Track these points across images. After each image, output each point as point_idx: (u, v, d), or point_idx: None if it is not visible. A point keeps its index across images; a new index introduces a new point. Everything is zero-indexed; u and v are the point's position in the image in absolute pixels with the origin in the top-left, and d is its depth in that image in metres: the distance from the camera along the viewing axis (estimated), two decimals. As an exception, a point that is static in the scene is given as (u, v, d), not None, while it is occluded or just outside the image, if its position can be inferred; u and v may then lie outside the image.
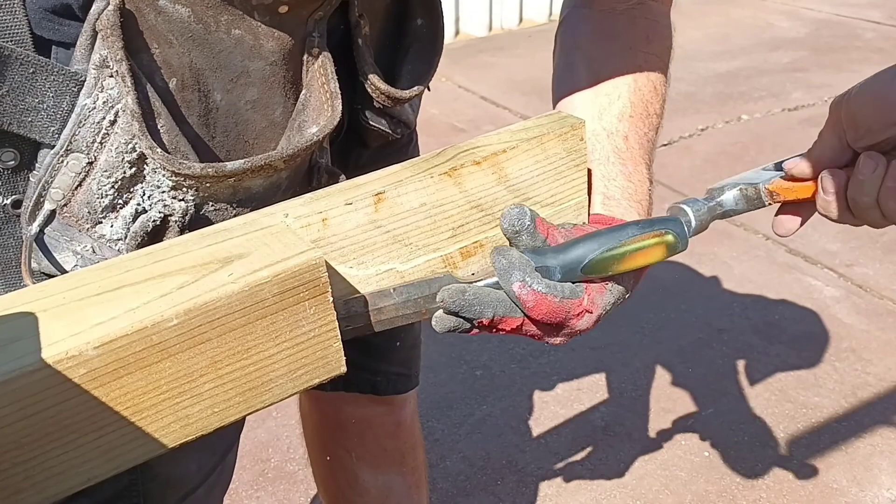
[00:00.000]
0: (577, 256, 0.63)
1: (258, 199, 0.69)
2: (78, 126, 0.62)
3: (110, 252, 0.65)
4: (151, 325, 0.48)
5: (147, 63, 0.63)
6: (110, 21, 0.60)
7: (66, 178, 0.63)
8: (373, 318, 0.61)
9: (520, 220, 0.63)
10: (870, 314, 2.35)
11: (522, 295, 0.61)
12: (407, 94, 0.78)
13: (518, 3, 5.16)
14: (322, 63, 0.70)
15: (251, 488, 1.83)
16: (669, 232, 0.66)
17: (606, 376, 2.15)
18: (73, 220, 0.64)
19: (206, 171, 0.64)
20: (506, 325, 0.63)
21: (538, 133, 0.67)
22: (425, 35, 0.83)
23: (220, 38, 0.64)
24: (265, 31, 0.66)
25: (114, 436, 0.49)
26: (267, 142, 0.71)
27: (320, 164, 0.76)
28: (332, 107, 0.70)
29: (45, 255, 0.65)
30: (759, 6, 5.36)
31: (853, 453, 1.89)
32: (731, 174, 0.75)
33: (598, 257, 0.63)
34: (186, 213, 0.66)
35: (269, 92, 0.69)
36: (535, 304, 0.61)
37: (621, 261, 0.64)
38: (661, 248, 0.65)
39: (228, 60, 0.65)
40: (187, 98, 0.65)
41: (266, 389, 0.54)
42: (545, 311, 0.62)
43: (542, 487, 1.82)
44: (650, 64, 0.79)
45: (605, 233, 0.64)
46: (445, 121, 3.68)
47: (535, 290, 0.61)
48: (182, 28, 0.63)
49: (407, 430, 1.22)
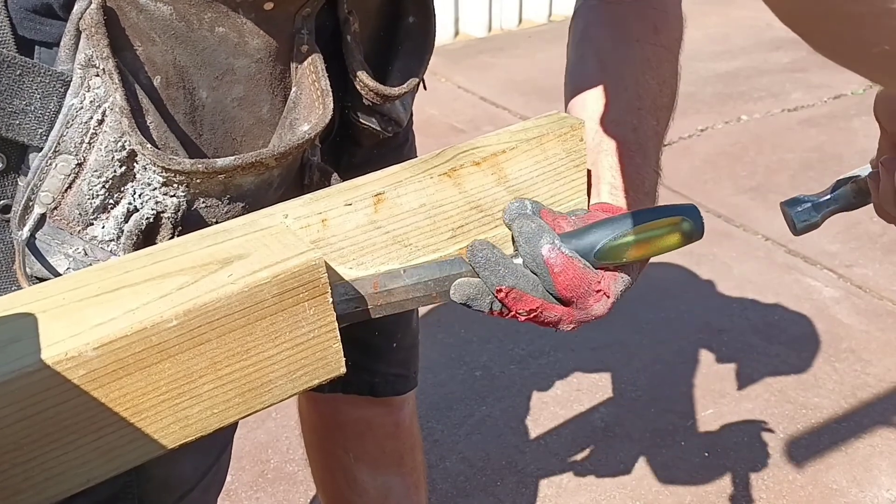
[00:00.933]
0: (591, 242, 0.62)
1: (250, 196, 0.69)
2: (66, 127, 0.62)
3: (103, 254, 0.65)
4: (151, 325, 0.48)
5: (131, 61, 0.63)
6: (94, 20, 0.59)
7: (56, 181, 0.63)
8: (381, 300, 0.60)
9: (520, 207, 0.63)
10: (869, 315, 2.35)
11: (551, 258, 0.60)
12: (396, 91, 0.78)
13: (517, 4, 5.16)
14: (312, 60, 0.70)
15: (251, 489, 1.83)
16: (686, 219, 0.64)
17: (606, 377, 2.15)
18: (63, 222, 0.64)
19: (197, 166, 0.64)
20: (523, 304, 0.62)
21: (538, 134, 0.67)
22: (417, 33, 0.82)
23: (204, 35, 0.64)
24: (250, 28, 0.65)
25: (113, 437, 0.49)
26: (255, 139, 0.71)
27: (312, 162, 0.76)
28: (324, 104, 0.70)
29: (38, 259, 0.64)
30: (758, 6, 5.33)
31: (853, 454, 1.89)
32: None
33: (612, 243, 0.62)
34: (178, 210, 0.66)
35: (256, 89, 0.69)
36: (563, 268, 0.60)
37: (635, 247, 0.62)
38: (677, 235, 0.64)
39: (213, 58, 0.65)
40: (172, 95, 0.65)
41: (265, 390, 0.54)
42: (570, 278, 0.61)
43: (542, 488, 1.82)
44: (658, 55, 0.78)
45: (618, 219, 0.63)
46: (445, 121, 3.68)
47: (563, 252, 0.60)
48: (164, 26, 0.62)
49: (406, 431, 1.22)
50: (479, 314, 0.64)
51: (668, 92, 0.79)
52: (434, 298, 0.61)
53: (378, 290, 0.60)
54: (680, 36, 0.83)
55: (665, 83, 0.78)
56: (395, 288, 0.60)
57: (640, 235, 0.62)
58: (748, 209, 2.87)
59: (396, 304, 0.61)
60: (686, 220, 0.64)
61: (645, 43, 0.78)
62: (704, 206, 2.87)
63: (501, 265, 0.61)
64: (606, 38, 0.80)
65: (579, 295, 0.62)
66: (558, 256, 0.60)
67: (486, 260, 0.61)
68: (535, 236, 0.61)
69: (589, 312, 0.64)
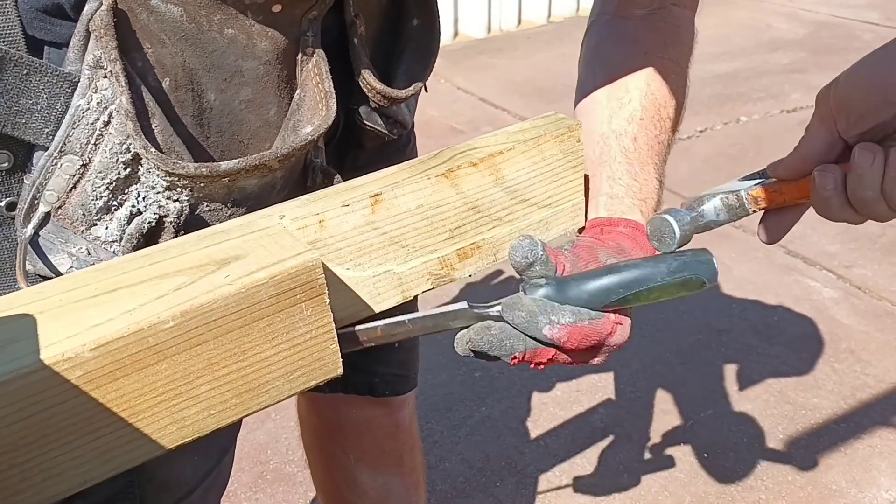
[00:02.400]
0: (601, 294, 0.61)
1: (253, 198, 0.69)
2: (72, 127, 0.62)
3: (105, 254, 0.65)
4: (148, 326, 0.48)
5: (140, 63, 0.63)
6: (104, 21, 0.60)
7: (61, 180, 0.63)
8: (384, 341, 0.61)
9: (532, 251, 0.61)
10: (869, 315, 2.35)
11: (554, 334, 0.60)
12: (403, 93, 0.78)
13: (517, 5, 5.16)
14: (317, 63, 0.70)
15: (250, 490, 1.83)
16: (701, 277, 0.63)
17: (605, 378, 2.15)
18: (67, 221, 0.64)
19: (201, 170, 0.64)
20: (540, 357, 0.62)
21: (535, 135, 0.67)
22: (421, 35, 0.83)
23: (213, 37, 0.64)
24: (259, 30, 0.65)
25: (111, 437, 0.49)
26: (262, 141, 0.71)
27: (315, 164, 0.76)
28: (327, 106, 0.70)
29: (40, 257, 0.65)
30: (757, 7, 5.37)
31: (852, 454, 1.89)
32: (730, 176, 0.74)
33: (621, 298, 0.61)
34: (181, 214, 0.66)
35: (264, 91, 0.69)
36: (569, 336, 0.60)
37: (644, 298, 0.62)
38: (688, 292, 0.63)
39: (222, 60, 0.65)
40: (181, 98, 0.65)
41: (263, 391, 0.54)
42: (580, 339, 0.61)
43: (542, 489, 1.82)
44: (666, 69, 0.79)
45: (632, 268, 0.62)
46: (444, 122, 3.68)
47: (564, 324, 0.60)
48: (174, 27, 0.63)
49: (405, 432, 1.22)
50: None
51: (674, 104, 0.79)
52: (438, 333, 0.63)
53: (381, 334, 0.61)
54: (690, 50, 0.83)
55: (671, 95, 0.79)
56: (399, 332, 0.61)
57: (652, 294, 0.62)
58: (747, 210, 2.87)
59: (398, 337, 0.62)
60: (701, 278, 0.63)
61: (653, 56, 0.79)
62: (704, 206, 2.87)
63: (506, 339, 0.61)
64: (615, 52, 0.81)
65: (594, 346, 0.63)
66: (560, 329, 0.60)
67: (491, 345, 0.62)
68: (530, 324, 0.60)
69: (610, 346, 0.64)
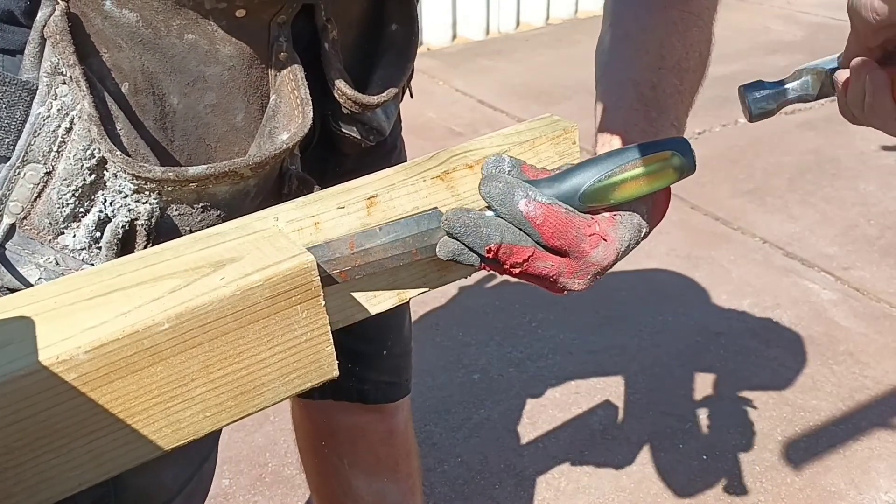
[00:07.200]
0: (573, 185, 0.58)
1: (224, 205, 0.69)
2: (33, 136, 0.61)
3: (74, 262, 0.64)
4: (142, 329, 0.47)
5: (97, 68, 0.62)
6: (59, 27, 0.59)
7: (25, 190, 0.62)
8: (359, 261, 0.58)
9: (500, 159, 0.59)
10: (867, 317, 2.35)
11: (530, 211, 0.56)
12: (375, 99, 0.76)
13: (515, 7, 5.17)
14: (291, 69, 0.69)
15: (248, 492, 1.82)
16: (675, 154, 0.60)
17: (604, 380, 2.15)
18: (34, 232, 0.63)
19: (168, 174, 0.63)
20: (516, 255, 0.58)
21: (530, 137, 0.67)
22: (400, 40, 0.81)
23: (172, 42, 0.63)
24: (222, 35, 0.64)
25: (105, 440, 0.49)
26: (230, 146, 0.70)
27: (291, 172, 0.75)
28: (303, 113, 0.69)
29: (8, 269, 0.64)
30: (756, 10, 5.37)
31: (851, 456, 1.89)
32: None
33: (596, 185, 0.58)
34: (152, 216, 0.65)
35: (229, 97, 0.68)
36: (545, 216, 0.57)
37: (622, 187, 0.59)
38: (668, 171, 0.60)
39: (183, 65, 0.64)
40: (142, 102, 0.64)
41: (258, 393, 0.54)
42: (555, 224, 0.57)
43: (541, 491, 1.82)
44: (685, 20, 0.76)
45: (602, 158, 0.59)
46: (442, 124, 3.68)
47: (541, 202, 0.57)
48: (130, 33, 0.62)
49: (400, 437, 1.21)
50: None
51: (696, 55, 0.75)
52: (414, 255, 0.58)
53: (355, 249, 0.57)
54: (713, 6, 0.80)
55: (692, 47, 0.75)
56: (373, 247, 0.58)
57: (627, 174, 0.59)
58: (746, 212, 2.87)
59: (375, 263, 0.58)
60: (676, 154, 0.60)
61: (672, 9, 0.76)
62: (702, 208, 2.87)
63: (483, 226, 0.57)
64: (633, 9, 0.78)
65: (570, 242, 0.58)
66: (536, 207, 0.57)
67: (467, 227, 0.57)
68: (507, 195, 0.57)
69: (589, 260, 0.59)
